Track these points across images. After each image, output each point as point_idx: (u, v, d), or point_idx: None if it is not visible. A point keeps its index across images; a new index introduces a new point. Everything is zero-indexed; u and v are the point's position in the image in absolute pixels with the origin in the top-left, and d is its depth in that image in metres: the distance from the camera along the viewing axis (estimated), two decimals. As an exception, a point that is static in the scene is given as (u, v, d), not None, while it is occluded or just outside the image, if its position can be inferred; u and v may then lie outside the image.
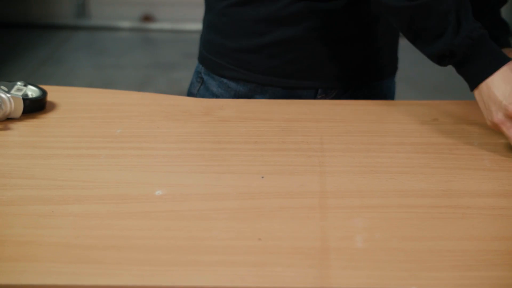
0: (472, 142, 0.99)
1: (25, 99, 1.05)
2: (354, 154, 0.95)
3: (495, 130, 0.96)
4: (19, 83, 1.08)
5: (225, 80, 1.19)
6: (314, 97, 1.19)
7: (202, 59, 1.24)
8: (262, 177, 0.88)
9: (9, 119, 1.05)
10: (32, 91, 1.08)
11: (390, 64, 1.28)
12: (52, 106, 1.10)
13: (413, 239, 0.76)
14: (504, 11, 1.19)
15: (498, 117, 0.94)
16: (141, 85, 3.39)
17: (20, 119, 1.05)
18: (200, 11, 1.35)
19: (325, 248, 0.74)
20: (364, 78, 1.23)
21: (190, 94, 1.27)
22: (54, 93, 1.11)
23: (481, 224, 0.79)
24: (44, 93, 1.09)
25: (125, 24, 4.25)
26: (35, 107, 1.07)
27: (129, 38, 4.18)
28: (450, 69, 0.99)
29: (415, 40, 1.01)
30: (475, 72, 0.96)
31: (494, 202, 0.83)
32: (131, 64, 3.71)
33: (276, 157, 0.94)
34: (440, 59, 0.99)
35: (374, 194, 0.85)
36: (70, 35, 4.09)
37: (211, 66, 1.22)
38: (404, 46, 1.25)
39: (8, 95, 1.04)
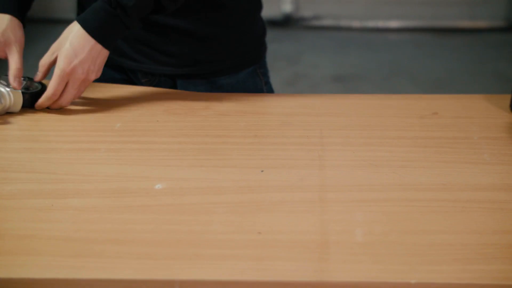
0: (472, 136, 0.99)
1: (25, 93, 1.05)
2: (353, 148, 0.95)
3: None
4: (18, 77, 1.08)
5: None
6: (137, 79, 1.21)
7: None
8: (262, 171, 0.88)
9: (8, 113, 1.05)
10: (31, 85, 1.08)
11: (217, 60, 1.20)
12: (52, 100, 1.09)
13: (413, 233, 0.76)
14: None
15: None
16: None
17: (19, 113, 1.05)
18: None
19: (324, 241, 0.74)
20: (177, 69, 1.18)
21: None
22: (53, 87, 1.11)
23: (481, 217, 0.79)
24: (43, 87, 1.08)
25: (125, 18, 4.24)
26: (34, 101, 1.07)
27: (128, 32, 4.17)
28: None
29: None
30: None
31: (494, 195, 0.83)
32: (131, 58, 3.70)
33: (276, 151, 0.94)
34: None
35: (374, 188, 0.85)
36: (69, 29, 4.07)
37: None
38: (405, 41, 1.24)
39: (8, 89, 1.04)
